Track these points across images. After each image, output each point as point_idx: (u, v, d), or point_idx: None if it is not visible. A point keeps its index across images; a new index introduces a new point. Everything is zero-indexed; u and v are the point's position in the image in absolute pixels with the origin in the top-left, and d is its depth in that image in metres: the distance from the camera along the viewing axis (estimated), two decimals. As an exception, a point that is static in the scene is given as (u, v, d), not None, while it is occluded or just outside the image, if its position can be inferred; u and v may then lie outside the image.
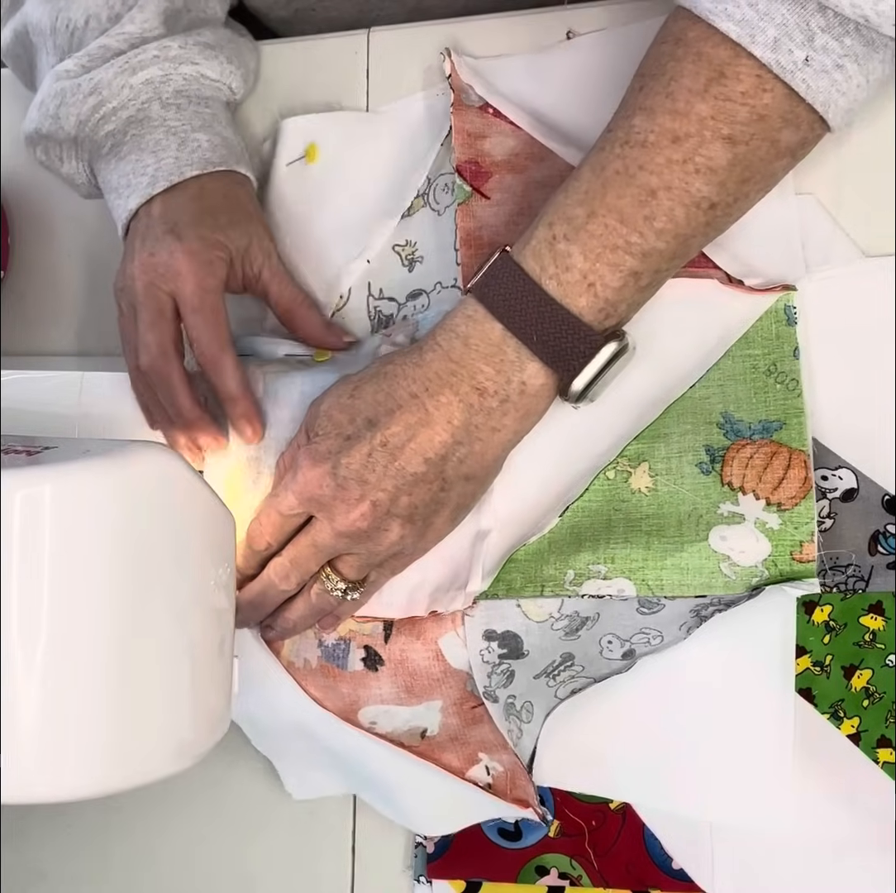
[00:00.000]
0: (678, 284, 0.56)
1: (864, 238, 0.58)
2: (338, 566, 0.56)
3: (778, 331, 0.56)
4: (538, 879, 0.59)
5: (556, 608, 0.56)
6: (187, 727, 0.49)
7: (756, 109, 0.49)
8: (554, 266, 0.52)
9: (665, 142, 0.50)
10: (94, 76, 0.63)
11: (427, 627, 0.58)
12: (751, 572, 0.54)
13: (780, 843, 0.56)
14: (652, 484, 0.56)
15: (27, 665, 0.43)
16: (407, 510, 0.54)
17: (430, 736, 0.59)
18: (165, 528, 0.47)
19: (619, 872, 0.58)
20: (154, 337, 0.60)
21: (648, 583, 0.55)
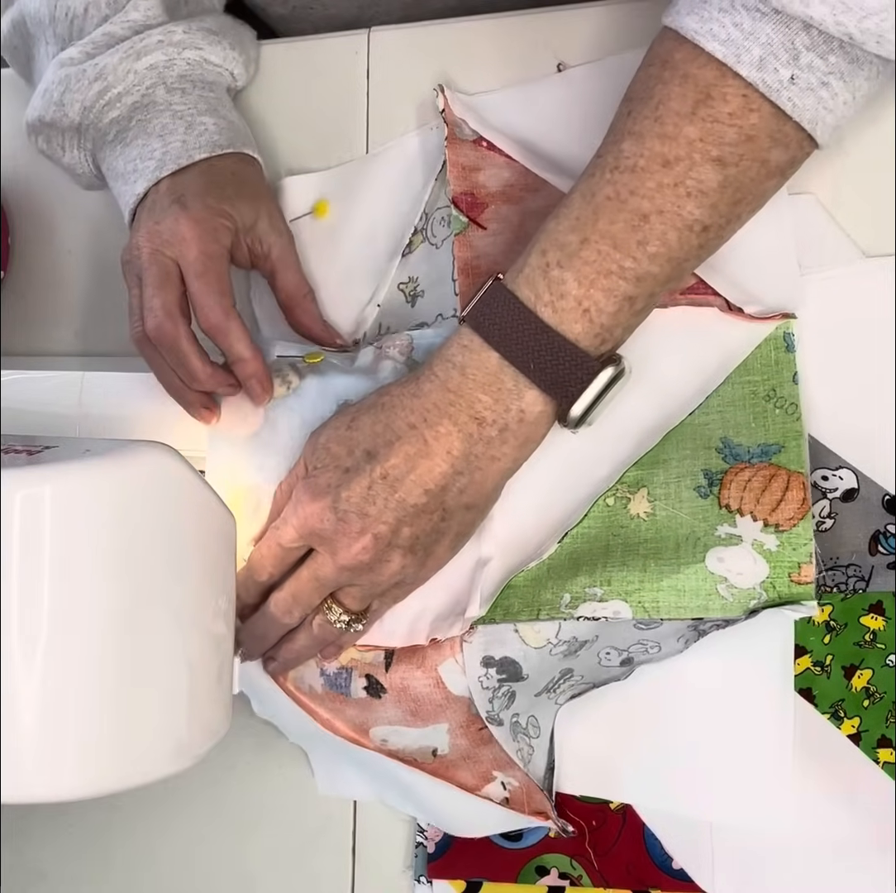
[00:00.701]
0: (679, 312, 0.57)
1: (864, 238, 0.58)
2: (340, 598, 0.56)
3: (777, 357, 0.56)
4: (538, 879, 0.59)
5: (553, 634, 0.56)
6: (187, 727, 0.49)
7: (744, 130, 0.49)
8: (548, 293, 0.51)
9: (655, 166, 0.49)
10: (98, 62, 0.63)
11: (426, 654, 0.58)
12: (748, 594, 0.54)
13: (780, 843, 0.56)
14: (650, 509, 0.56)
15: (27, 665, 0.43)
16: (408, 541, 0.54)
17: (441, 755, 0.59)
18: (165, 527, 0.47)
19: (619, 872, 0.58)
20: (160, 300, 0.59)
21: (644, 605, 0.55)
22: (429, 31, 0.68)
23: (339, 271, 0.67)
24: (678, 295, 0.58)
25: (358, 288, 0.66)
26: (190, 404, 0.61)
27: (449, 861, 0.61)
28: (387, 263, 0.65)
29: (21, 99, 0.74)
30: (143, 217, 0.61)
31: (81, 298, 0.73)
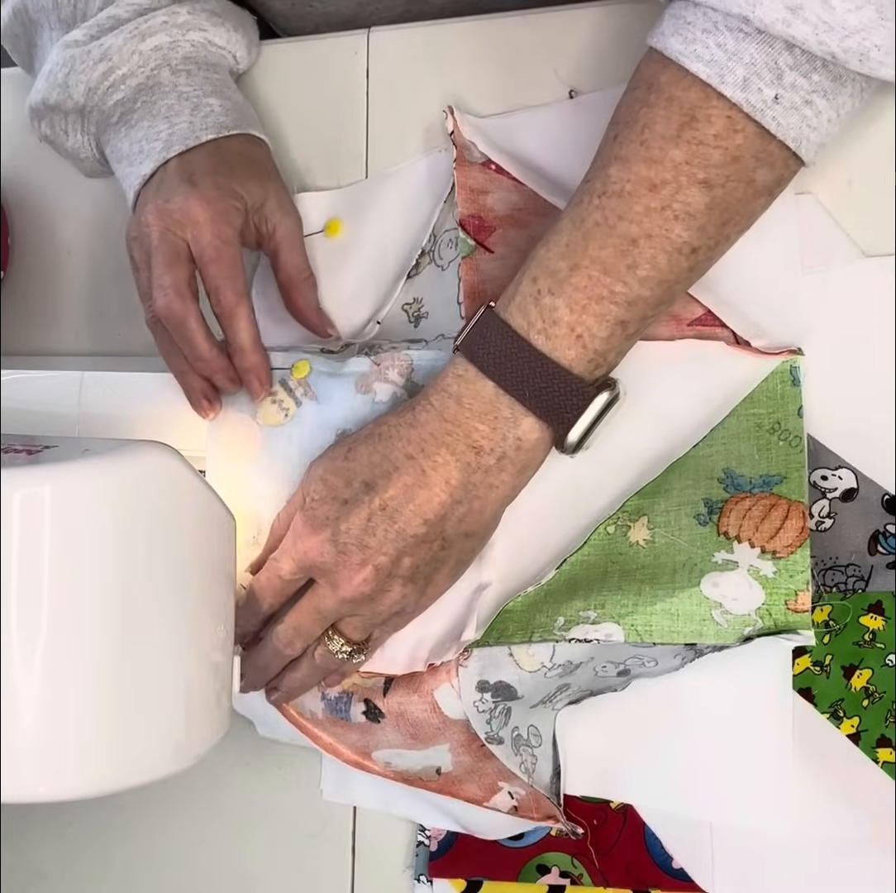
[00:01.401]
0: (686, 345, 0.57)
1: (864, 238, 0.58)
2: (341, 628, 0.57)
3: (783, 391, 0.56)
4: (539, 878, 0.59)
5: (547, 657, 0.56)
6: (187, 727, 0.49)
7: (729, 151, 0.49)
8: (541, 321, 0.52)
9: (642, 190, 0.50)
10: (103, 42, 0.63)
11: (423, 679, 0.58)
12: (743, 620, 0.54)
13: (780, 843, 0.56)
14: (650, 536, 0.56)
15: (27, 665, 0.43)
16: (409, 571, 0.54)
17: (445, 773, 0.59)
18: (165, 527, 0.48)
19: (619, 871, 0.58)
20: (170, 278, 0.59)
21: (637, 628, 0.54)
22: (429, 31, 0.68)
23: (348, 291, 0.67)
24: (685, 326, 0.58)
25: (364, 308, 0.66)
26: (192, 390, 0.61)
27: (450, 860, 0.61)
28: (393, 284, 0.65)
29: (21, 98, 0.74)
30: (150, 195, 0.61)
31: (81, 298, 0.73)
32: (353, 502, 0.54)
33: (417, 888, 0.61)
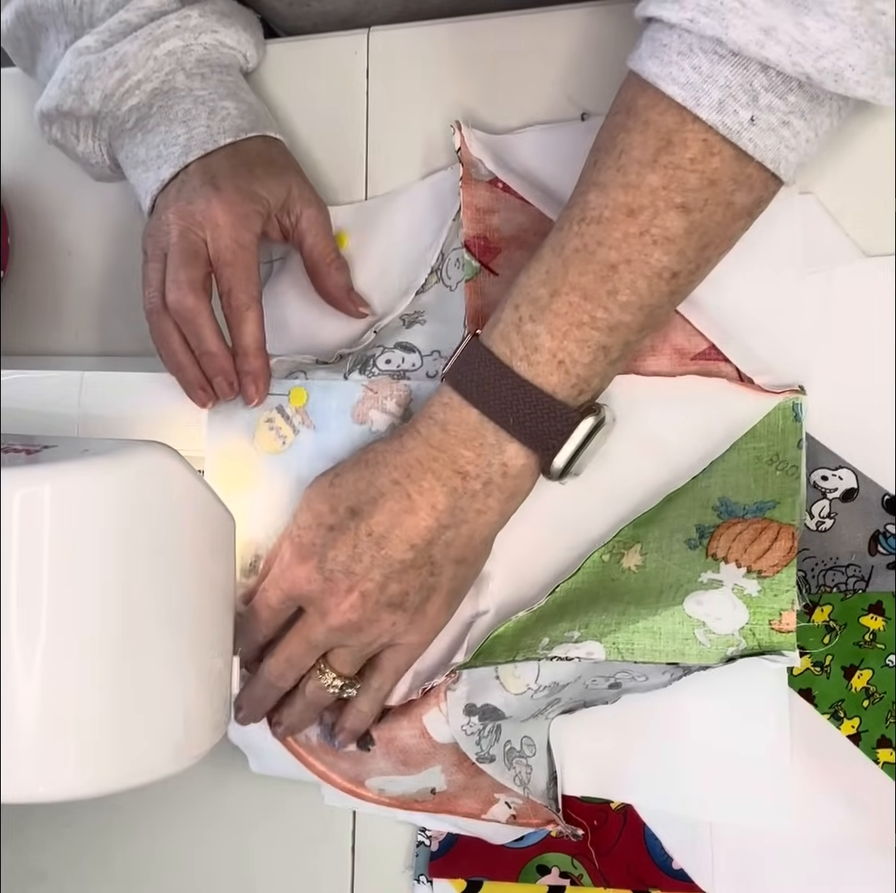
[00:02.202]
0: (688, 381, 0.57)
1: (864, 238, 0.58)
2: (331, 662, 0.57)
3: (784, 426, 0.56)
4: (539, 878, 0.59)
5: (532, 679, 0.56)
6: (187, 727, 0.49)
7: (706, 175, 0.49)
8: (523, 348, 0.52)
9: (620, 216, 0.50)
10: (118, 49, 0.63)
11: (412, 704, 0.58)
12: (726, 640, 0.53)
13: (780, 843, 0.56)
14: (641, 562, 0.56)
15: (27, 665, 0.43)
16: (397, 598, 0.54)
17: (440, 792, 0.59)
18: (165, 527, 0.48)
19: (619, 871, 0.58)
20: (186, 275, 0.59)
21: (619, 646, 0.54)
22: (429, 31, 0.68)
23: None
24: (689, 360, 0.57)
25: (364, 321, 0.66)
26: (189, 383, 0.61)
27: (451, 860, 0.61)
28: (398, 300, 0.65)
29: (21, 98, 0.74)
30: (170, 196, 0.61)
31: (81, 298, 0.73)
32: (338, 529, 0.54)
33: (417, 888, 0.61)
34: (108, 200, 0.72)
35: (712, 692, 0.56)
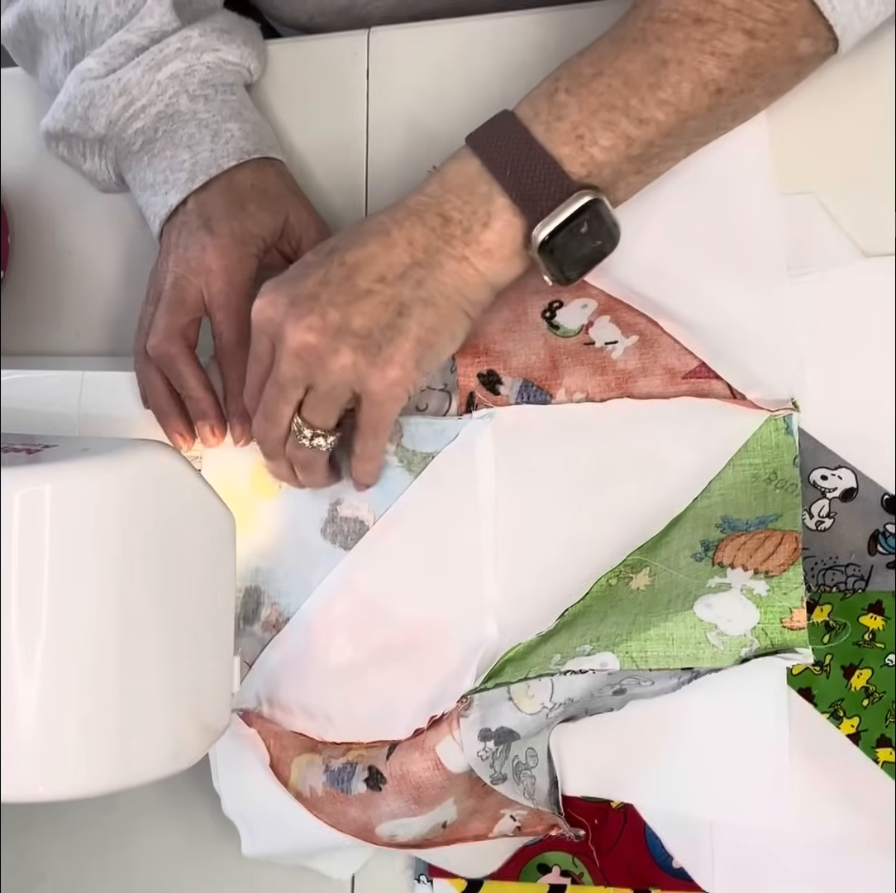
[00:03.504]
0: (681, 403, 0.57)
1: (864, 238, 0.58)
2: (303, 413, 0.55)
3: (778, 440, 0.56)
4: (540, 877, 0.59)
5: (547, 697, 0.55)
6: (186, 727, 0.49)
7: (780, 14, 0.50)
8: (547, 113, 0.52)
9: (687, 21, 0.50)
10: (121, 76, 0.63)
11: (424, 735, 0.57)
12: (739, 641, 0.53)
13: (780, 843, 0.56)
14: (650, 582, 0.56)
15: (27, 665, 0.43)
16: (361, 331, 0.52)
17: (451, 824, 0.59)
18: (165, 527, 0.48)
19: (620, 870, 0.58)
20: (164, 322, 0.60)
21: (632, 655, 0.54)
22: (429, 30, 0.68)
23: None
24: (680, 379, 0.57)
25: None
26: (166, 428, 0.63)
27: (449, 861, 0.61)
28: None
29: (21, 98, 0.74)
30: (172, 238, 0.63)
31: (81, 298, 0.73)
32: (315, 264, 0.54)
33: (417, 888, 0.61)
34: (109, 200, 0.72)
35: (711, 691, 0.56)
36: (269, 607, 0.61)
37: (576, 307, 0.59)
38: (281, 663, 0.61)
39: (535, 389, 0.59)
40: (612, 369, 0.58)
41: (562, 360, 0.59)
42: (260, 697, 0.61)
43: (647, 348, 0.58)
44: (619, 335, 0.58)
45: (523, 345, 0.59)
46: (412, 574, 0.60)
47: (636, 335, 0.58)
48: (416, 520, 0.60)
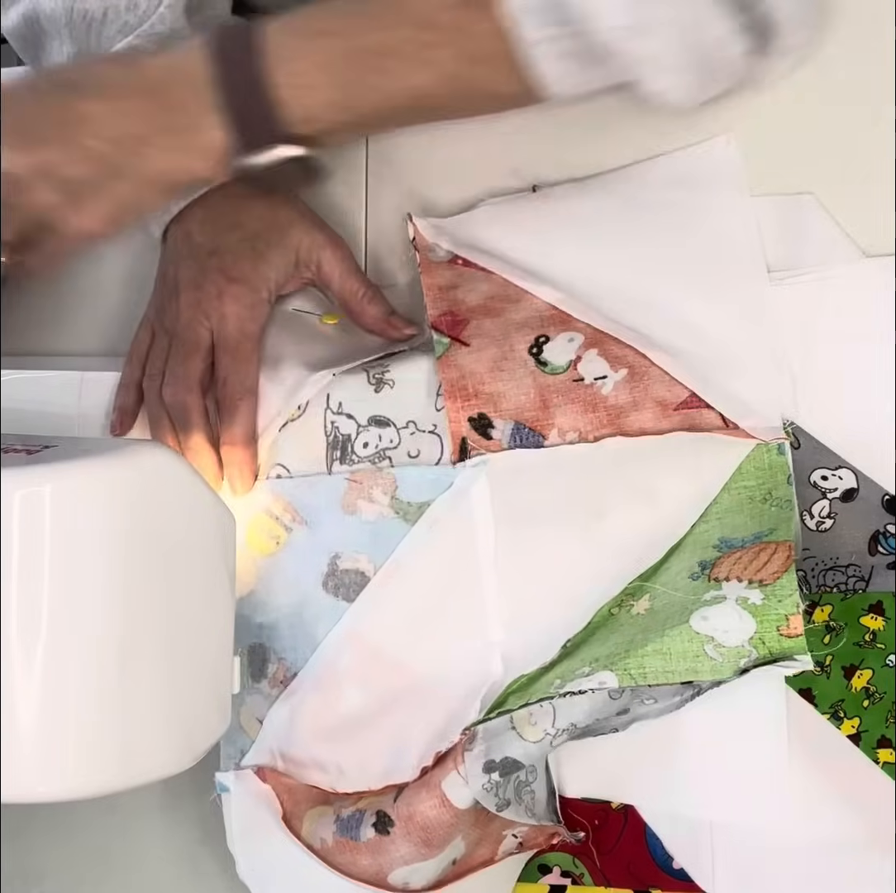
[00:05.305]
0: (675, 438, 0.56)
1: (864, 238, 0.58)
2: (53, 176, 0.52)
3: (770, 461, 0.56)
4: (541, 877, 0.59)
5: (549, 723, 0.55)
6: (187, 727, 0.49)
7: None
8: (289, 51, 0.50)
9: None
10: None
11: (430, 772, 0.57)
12: (738, 652, 0.53)
13: (780, 843, 0.56)
14: (650, 606, 0.56)
15: (27, 665, 0.43)
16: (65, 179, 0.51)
17: (459, 859, 0.58)
18: (165, 527, 0.48)
19: (620, 871, 0.58)
20: (184, 370, 0.61)
21: (630, 672, 0.53)
22: (429, 31, 0.68)
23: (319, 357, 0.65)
24: (671, 411, 0.57)
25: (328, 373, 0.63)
26: None
27: (449, 861, 0.61)
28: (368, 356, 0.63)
29: (21, 99, 0.74)
30: (181, 274, 0.62)
31: (81, 299, 0.73)
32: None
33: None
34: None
35: (710, 693, 0.56)
36: (275, 663, 0.61)
37: (562, 342, 0.59)
38: (291, 717, 0.61)
39: (528, 431, 0.58)
40: (603, 405, 0.57)
41: (552, 399, 0.58)
42: (273, 752, 0.61)
43: (637, 381, 0.57)
44: (608, 369, 0.58)
45: (512, 385, 0.58)
46: (417, 622, 0.59)
47: (625, 368, 0.58)
48: (417, 568, 0.59)
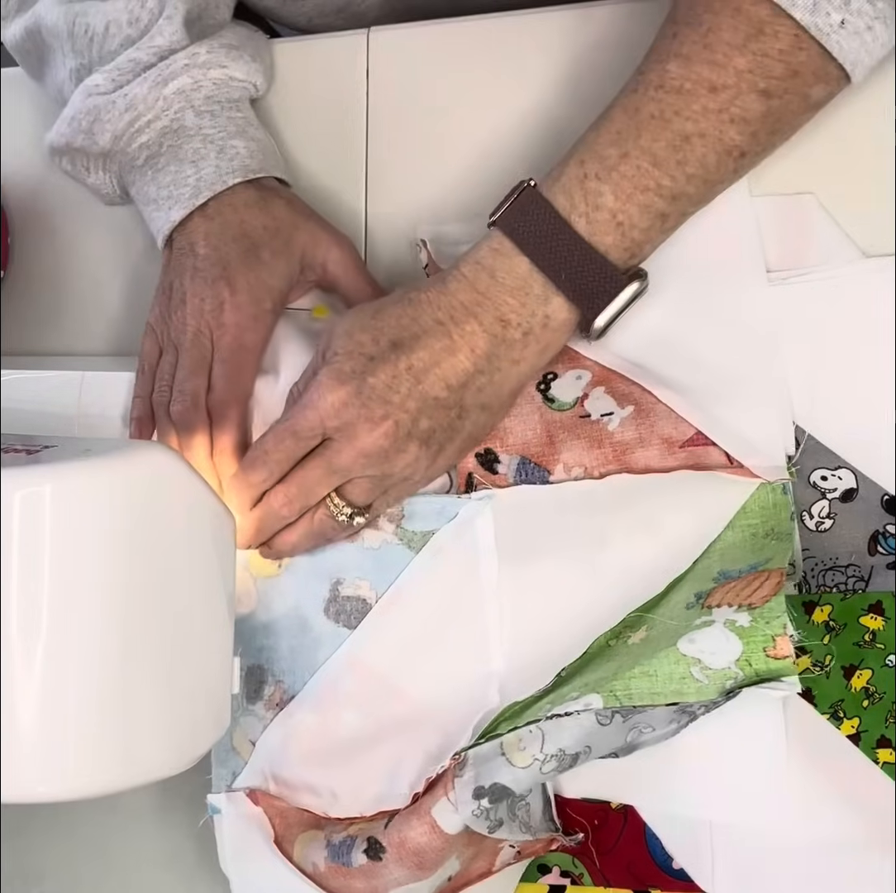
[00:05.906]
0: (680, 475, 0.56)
1: (864, 238, 0.58)
2: (345, 491, 0.56)
3: (775, 500, 0.56)
4: (540, 877, 0.59)
5: (538, 748, 0.55)
6: (187, 727, 0.49)
7: (791, 66, 0.51)
8: (584, 204, 0.53)
9: (702, 90, 0.51)
10: (127, 92, 0.63)
11: (421, 799, 0.57)
12: (724, 674, 0.53)
13: (780, 843, 0.56)
14: (646, 635, 0.56)
15: (27, 665, 0.43)
16: (425, 434, 0.55)
17: (455, 875, 0.58)
18: (165, 527, 0.48)
19: (620, 871, 0.58)
20: (191, 386, 0.61)
21: (616, 693, 0.54)
22: (429, 30, 0.68)
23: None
24: (677, 448, 0.57)
25: None
26: None
27: (449, 861, 0.61)
28: None
29: (21, 98, 0.74)
30: (185, 284, 0.62)
31: (81, 299, 0.73)
32: (379, 359, 0.54)
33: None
34: (108, 200, 0.72)
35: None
36: (273, 685, 0.61)
37: (570, 379, 0.59)
38: (285, 740, 0.61)
39: (533, 466, 0.59)
40: (609, 442, 0.58)
41: (558, 434, 0.58)
42: (266, 774, 0.61)
43: (644, 418, 0.57)
44: (615, 406, 0.58)
45: (519, 421, 0.59)
46: (418, 650, 0.59)
47: (632, 405, 0.58)
48: (419, 596, 0.59)
